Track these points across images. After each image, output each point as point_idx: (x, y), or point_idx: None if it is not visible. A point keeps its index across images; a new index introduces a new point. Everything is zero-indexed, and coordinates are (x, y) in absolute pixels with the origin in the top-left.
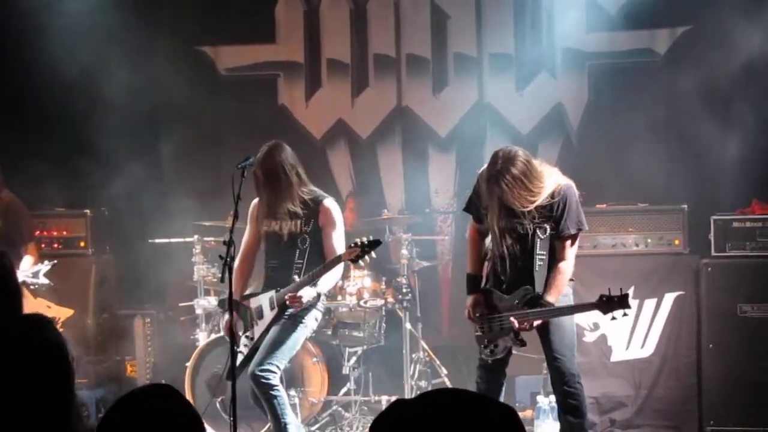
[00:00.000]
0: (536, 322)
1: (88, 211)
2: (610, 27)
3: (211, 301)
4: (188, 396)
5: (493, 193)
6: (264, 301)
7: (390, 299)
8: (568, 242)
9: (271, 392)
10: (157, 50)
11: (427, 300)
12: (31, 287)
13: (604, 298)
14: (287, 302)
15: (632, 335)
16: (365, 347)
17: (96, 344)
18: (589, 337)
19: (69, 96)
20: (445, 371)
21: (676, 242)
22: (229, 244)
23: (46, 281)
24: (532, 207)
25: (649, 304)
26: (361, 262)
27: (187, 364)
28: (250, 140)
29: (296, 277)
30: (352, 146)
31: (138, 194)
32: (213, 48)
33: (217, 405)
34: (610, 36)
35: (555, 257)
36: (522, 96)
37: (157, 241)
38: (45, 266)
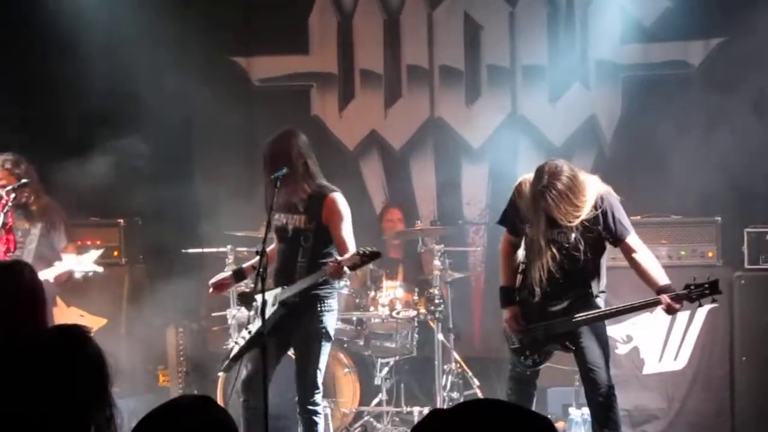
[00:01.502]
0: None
1: (121, 220)
2: (644, 38)
3: (244, 311)
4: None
5: (539, 208)
6: (269, 297)
7: (422, 310)
8: (631, 239)
9: (314, 418)
10: (190, 60)
11: (460, 311)
12: (77, 275)
13: (692, 287)
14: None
15: (665, 348)
16: (397, 358)
17: (128, 354)
18: (622, 350)
19: (102, 105)
20: (477, 382)
21: (710, 254)
22: (262, 254)
23: (95, 267)
24: (577, 222)
25: (682, 316)
26: (358, 272)
27: (220, 374)
28: None
29: (297, 277)
30: (385, 157)
31: (171, 204)
32: (246, 59)
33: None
34: (644, 47)
35: (628, 254)
36: (555, 108)
37: (190, 251)
38: (92, 254)
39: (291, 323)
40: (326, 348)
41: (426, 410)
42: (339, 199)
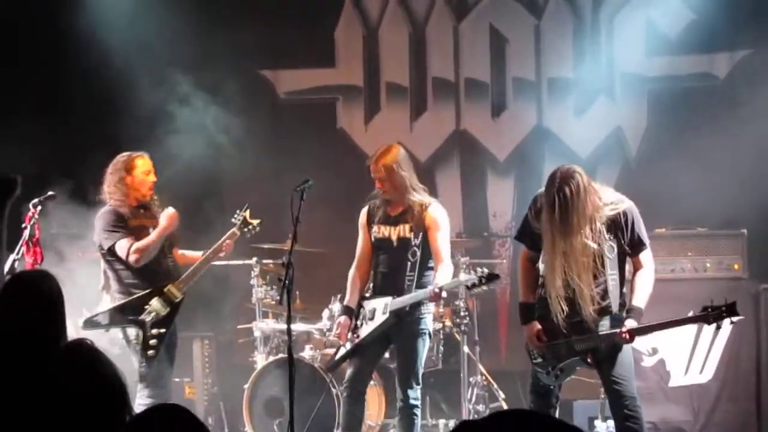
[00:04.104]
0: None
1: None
2: (669, 51)
3: (270, 324)
4: (246, 419)
5: (553, 214)
6: (379, 305)
7: (448, 322)
8: (645, 255)
9: (415, 412)
10: (218, 74)
11: (485, 323)
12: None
13: (710, 309)
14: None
15: (691, 360)
16: (422, 371)
17: None
18: (648, 362)
19: (125, 116)
20: (502, 395)
21: (736, 267)
22: (288, 266)
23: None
24: (603, 212)
25: (708, 329)
26: (474, 290)
27: (245, 386)
28: (309, 163)
29: (409, 289)
30: None
31: (196, 215)
32: (273, 72)
33: (275, 427)
34: (669, 60)
35: (635, 269)
36: (581, 120)
37: (215, 263)
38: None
39: (395, 325)
40: (426, 346)
41: (451, 423)
42: (439, 209)
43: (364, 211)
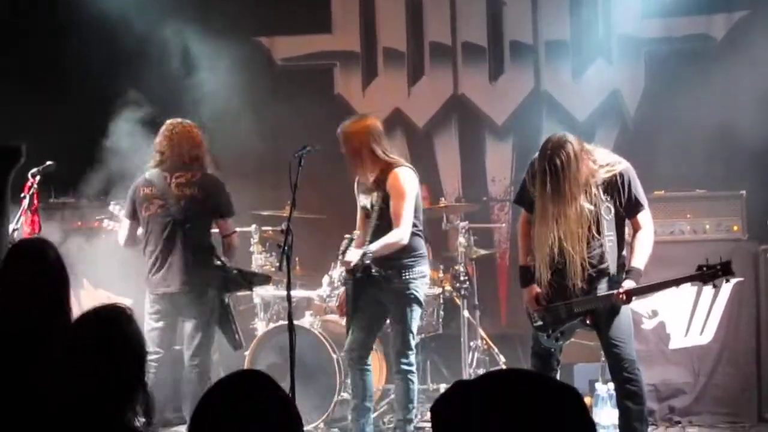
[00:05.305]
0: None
1: None
2: (666, 12)
3: (269, 290)
4: None
5: (545, 181)
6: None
7: (448, 287)
8: (643, 216)
9: (409, 377)
10: (214, 40)
11: (485, 288)
12: None
13: (705, 268)
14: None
15: (691, 322)
16: (423, 336)
17: None
18: (648, 325)
19: (117, 85)
20: (503, 359)
21: (735, 228)
22: (287, 232)
23: None
24: (599, 175)
25: (708, 290)
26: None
27: (246, 353)
28: (306, 130)
29: None
30: (409, 135)
31: None
32: (269, 38)
33: None
34: (666, 22)
35: (633, 230)
36: (578, 83)
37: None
38: None
39: (385, 292)
40: (417, 312)
41: None
42: (401, 174)
43: (356, 180)
